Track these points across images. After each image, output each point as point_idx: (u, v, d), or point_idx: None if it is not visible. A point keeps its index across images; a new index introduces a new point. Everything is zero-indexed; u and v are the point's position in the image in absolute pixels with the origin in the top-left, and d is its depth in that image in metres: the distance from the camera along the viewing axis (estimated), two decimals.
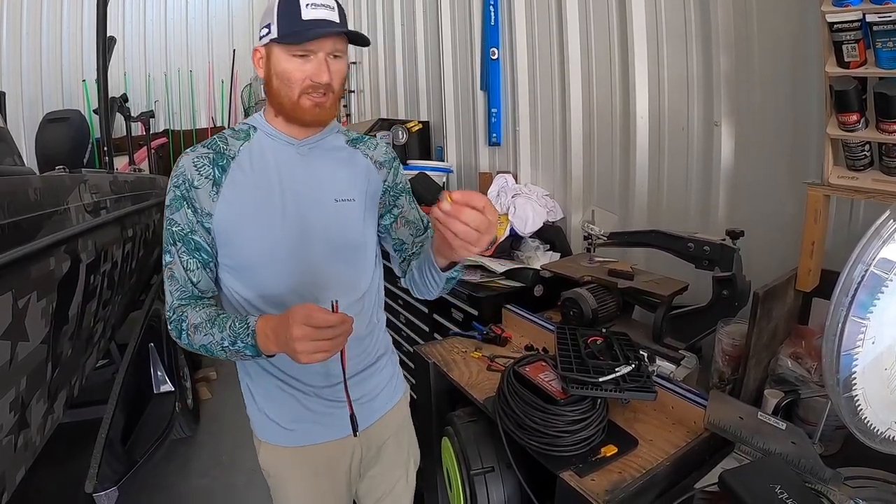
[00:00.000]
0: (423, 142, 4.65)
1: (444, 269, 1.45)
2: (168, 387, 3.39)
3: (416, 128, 4.55)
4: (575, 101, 3.09)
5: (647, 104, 2.67)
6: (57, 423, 2.13)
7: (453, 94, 4.40)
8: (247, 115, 8.73)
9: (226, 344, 1.34)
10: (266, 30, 1.42)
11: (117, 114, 5.17)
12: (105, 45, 3.68)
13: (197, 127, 8.74)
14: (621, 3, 2.70)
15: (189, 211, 1.43)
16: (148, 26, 8.39)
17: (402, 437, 1.88)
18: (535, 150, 3.53)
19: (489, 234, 1.19)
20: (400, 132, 4.39)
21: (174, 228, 1.43)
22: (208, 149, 1.47)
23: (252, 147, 1.51)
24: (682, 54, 2.46)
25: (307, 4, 1.37)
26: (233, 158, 1.48)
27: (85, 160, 4.29)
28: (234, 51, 8.82)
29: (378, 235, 1.72)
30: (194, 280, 1.46)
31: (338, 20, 1.41)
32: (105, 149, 3.77)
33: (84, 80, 7.45)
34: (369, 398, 1.72)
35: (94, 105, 4.05)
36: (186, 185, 1.42)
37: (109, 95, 4.12)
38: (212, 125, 8.78)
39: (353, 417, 1.40)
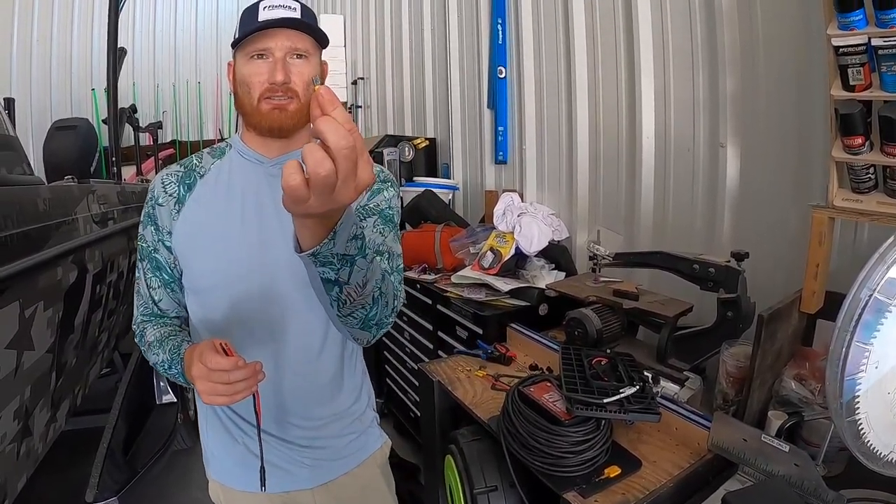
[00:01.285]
0: (429, 158, 4.68)
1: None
2: (170, 397, 3.38)
3: (423, 144, 4.57)
4: (581, 120, 3.11)
5: (653, 125, 2.68)
6: (59, 432, 2.13)
7: (460, 111, 4.43)
8: None
9: (166, 367, 1.31)
10: (233, 40, 1.37)
11: (126, 124, 5.20)
12: (116, 57, 3.72)
13: (204, 138, 8.79)
14: (628, 24, 2.72)
15: (152, 228, 1.42)
16: (157, 37, 8.47)
17: (376, 496, 1.71)
18: (541, 169, 3.55)
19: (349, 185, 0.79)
20: (406, 148, 4.42)
21: (142, 244, 1.44)
22: (181, 167, 1.45)
23: (222, 166, 1.45)
24: (689, 76, 2.48)
25: (265, 7, 1.32)
26: (201, 177, 1.44)
27: (92, 169, 4.31)
28: None
29: None
30: (156, 298, 1.45)
31: (299, 17, 1.32)
32: (113, 159, 3.79)
33: (93, 89, 7.49)
34: (333, 450, 1.56)
35: (103, 114, 4.07)
36: (153, 202, 1.41)
37: (119, 106, 4.15)
38: (219, 136, 8.83)
39: (262, 471, 1.30)
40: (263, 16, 1.30)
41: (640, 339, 2.42)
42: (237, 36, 1.34)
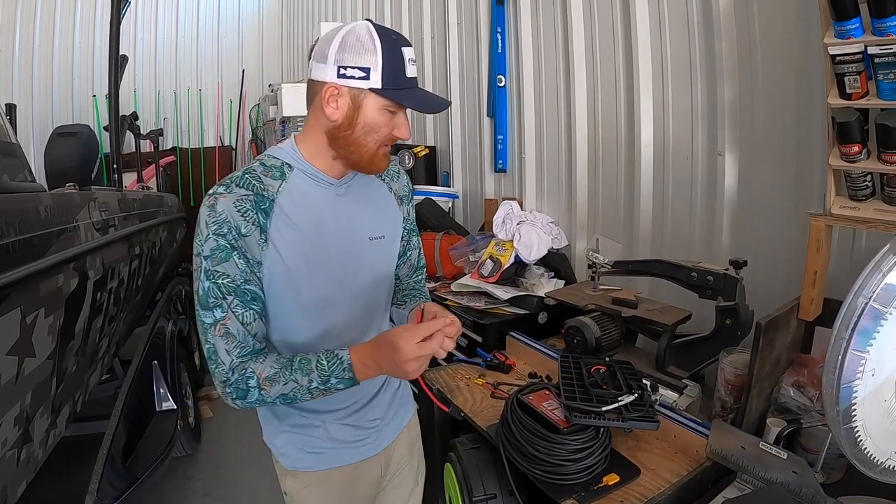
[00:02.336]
0: (429, 167, 4.67)
1: None
2: (170, 404, 3.36)
3: (423, 153, 4.56)
4: (581, 129, 3.12)
5: (651, 133, 2.69)
6: (59, 438, 2.12)
7: (460, 119, 4.43)
8: (254, 135, 8.89)
9: (314, 385, 1.29)
10: (361, 73, 1.28)
11: (127, 131, 5.20)
12: (118, 64, 3.71)
13: (205, 145, 8.76)
14: (627, 34, 2.73)
15: (241, 261, 1.31)
16: (159, 44, 8.45)
17: (415, 451, 1.87)
18: (540, 178, 3.55)
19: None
20: (407, 157, 4.42)
21: (222, 281, 1.29)
22: (247, 190, 1.33)
23: (291, 188, 1.39)
24: (687, 85, 2.49)
25: (409, 59, 1.32)
26: (273, 201, 1.36)
27: (93, 175, 4.32)
28: (243, 71, 8.91)
29: None
30: (253, 332, 1.34)
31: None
32: (115, 166, 3.79)
33: (94, 96, 7.48)
34: (390, 416, 1.70)
35: (105, 120, 4.07)
36: (234, 233, 1.29)
37: (120, 113, 4.14)
38: (219, 144, 8.82)
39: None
40: (410, 72, 1.33)
41: (639, 346, 2.42)
42: (386, 83, 1.29)
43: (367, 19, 1.36)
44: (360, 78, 1.29)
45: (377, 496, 1.79)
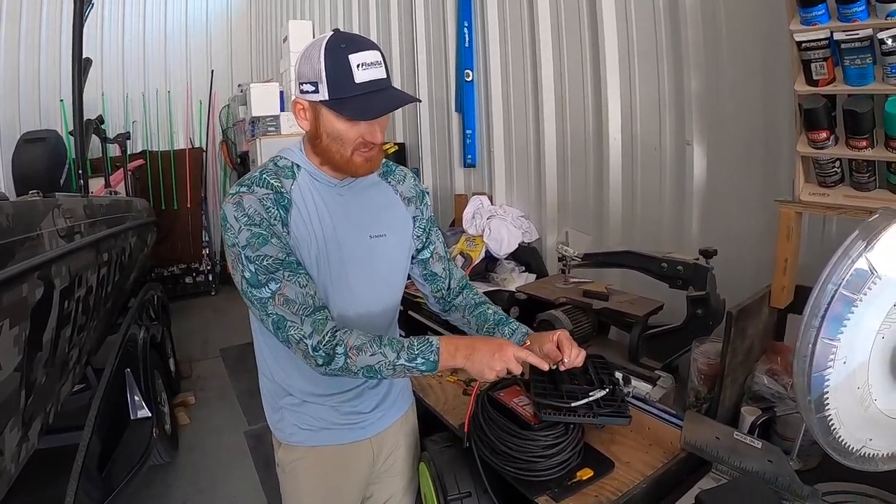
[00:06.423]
0: (399, 164, 4.62)
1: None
2: (145, 412, 3.31)
3: (392, 150, 4.55)
4: (549, 121, 3.11)
5: (619, 124, 2.68)
6: (32, 451, 2.10)
7: (429, 115, 4.42)
8: (224, 135, 8.77)
9: (400, 362, 1.38)
10: (311, 87, 1.37)
11: (93, 136, 5.13)
12: (80, 67, 3.65)
13: (175, 148, 8.59)
14: (593, 25, 2.72)
15: (277, 241, 1.40)
16: (126, 46, 8.26)
17: (411, 444, 1.92)
18: (509, 172, 3.54)
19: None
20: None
21: (266, 262, 1.37)
22: (266, 189, 1.43)
23: (301, 187, 1.49)
24: (654, 74, 2.48)
25: (359, 64, 1.33)
26: (290, 198, 1.46)
27: (62, 181, 4.26)
28: (211, 71, 8.73)
29: (412, 266, 1.79)
30: (312, 292, 1.41)
31: (385, 76, 1.39)
32: (80, 172, 3.73)
33: (62, 100, 7.31)
34: (385, 408, 1.76)
35: (72, 125, 4.02)
36: (266, 223, 1.39)
37: (85, 117, 4.08)
38: (190, 146, 8.66)
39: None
40: (360, 76, 1.34)
41: (612, 338, 2.41)
42: (332, 95, 1.35)
43: (334, 29, 1.42)
44: (312, 92, 1.38)
45: (370, 485, 1.86)
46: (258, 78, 8.39)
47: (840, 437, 1.16)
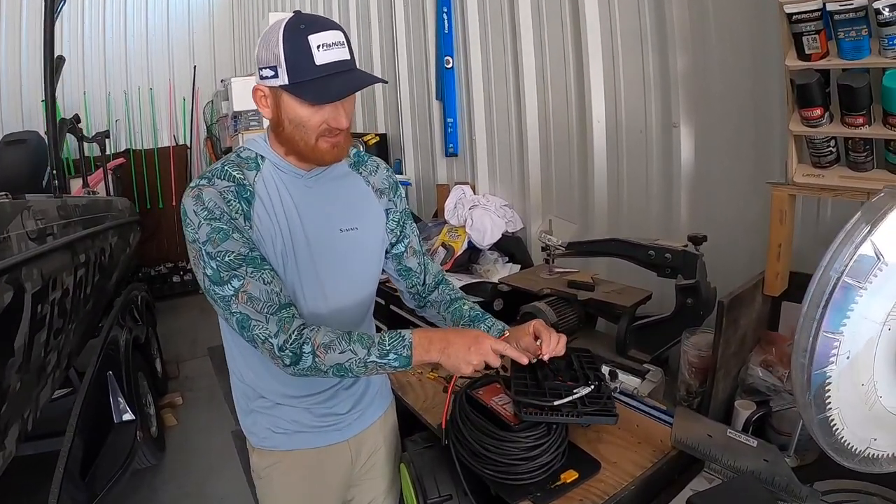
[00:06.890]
0: (381, 155, 4.60)
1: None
2: (129, 415, 3.31)
3: (374, 140, 4.53)
4: (531, 107, 3.05)
5: (603, 107, 2.62)
6: (10, 459, 2.09)
7: (409, 104, 4.38)
8: (209, 132, 8.72)
9: (371, 359, 1.33)
10: (271, 72, 1.32)
11: (70, 135, 5.08)
12: (52, 66, 3.62)
13: (159, 146, 8.58)
14: (574, 6, 2.64)
15: (239, 236, 1.36)
16: (108, 44, 8.19)
17: (391, 445, 1.89)
18: (492, 160, 3.49)
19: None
20: (357, 145, 4.32)
21: (229, 258, 1.34)
22: (228, 181, 1.40)
23: (264, 178, 1.45)
24: (638, 55, 2.42)
25: (319, 45, 1.28)
26: (253, 191, 1.43)
27: (45, 182, 4.20)
28: (194, 67, 8.70)
29: (386, 261, 1.74)
30: (277, 289, 1.37)
31: (349, 57, 1.34)
32: (53, 172, 3.68)
33: (44, 101, 7.23)
34: (362, 409, 1.73)
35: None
36: (226, 216, 1.35)
37: (63, 116, 4.06)
38: (174, 144, 8.65)
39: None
40: (321, 58, 1.29)
41: (600, 330, 2.37)
42: (292, 79, 1.30)
43: (295, 11, 1.38)
44: (271, 77, 1.33)
45: (350, 488, 1.83)
46: (241, 72, 8.31)
47: (843, 437, 1.07)
